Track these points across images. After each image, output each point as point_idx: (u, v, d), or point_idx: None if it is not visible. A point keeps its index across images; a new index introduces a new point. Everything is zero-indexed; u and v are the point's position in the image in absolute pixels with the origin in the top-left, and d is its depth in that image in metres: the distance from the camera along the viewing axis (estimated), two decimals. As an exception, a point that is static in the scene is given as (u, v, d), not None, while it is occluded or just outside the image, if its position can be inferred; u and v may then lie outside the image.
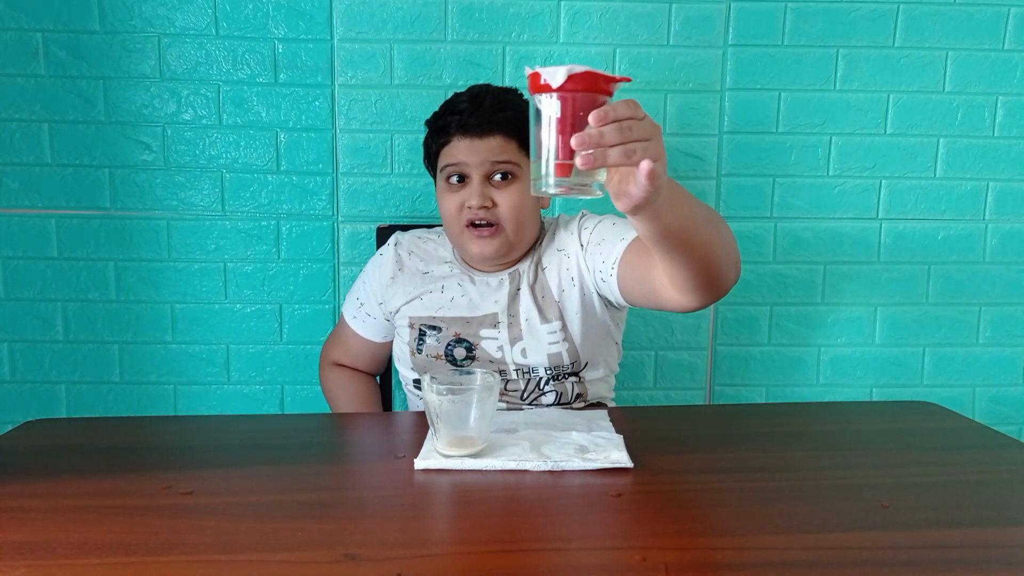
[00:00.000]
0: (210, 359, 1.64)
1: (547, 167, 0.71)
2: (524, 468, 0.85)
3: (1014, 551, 0.69)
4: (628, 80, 0.74)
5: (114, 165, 1.57)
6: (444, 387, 0.86)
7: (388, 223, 1.56)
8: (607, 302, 1.20)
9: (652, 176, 0.70)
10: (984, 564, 0.66)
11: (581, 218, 1.23)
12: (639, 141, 0.68)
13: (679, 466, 0.88)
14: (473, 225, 1.17)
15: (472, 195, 1.15)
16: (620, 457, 0.86)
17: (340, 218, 1.61)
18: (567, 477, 0.83)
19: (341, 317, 1.37)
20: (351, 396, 1.34)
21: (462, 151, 1.16)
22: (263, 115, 1.57)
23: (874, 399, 1.71)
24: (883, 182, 1.66)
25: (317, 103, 1.58)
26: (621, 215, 1.04)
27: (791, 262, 1.68)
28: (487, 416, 0.88)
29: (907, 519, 0.74)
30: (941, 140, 1.65)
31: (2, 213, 1.58)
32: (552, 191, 0.72)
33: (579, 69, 0.68)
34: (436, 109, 1.23)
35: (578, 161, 0.68)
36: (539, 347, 1.17)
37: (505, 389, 1.18)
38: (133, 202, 1.58)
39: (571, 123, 0.69)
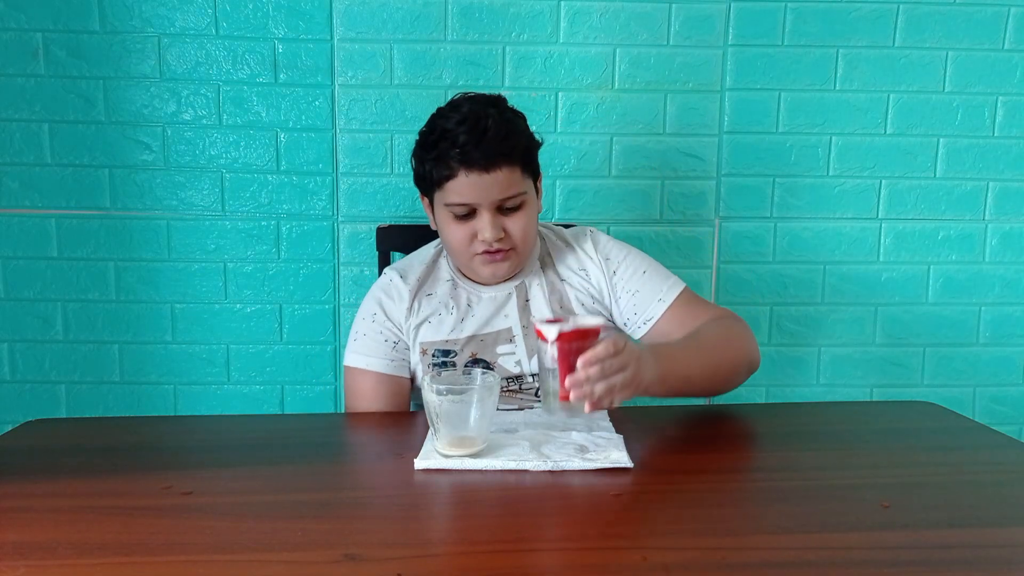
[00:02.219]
0: (210, 359, 1.64)
1: (552, 396, 0.90)
2: (524, 468, 0.85)
3: (1014, 551, 0.69)
4: (606, 328, 0.98)
5: (114, 165, 1.57)
6: (444, 387, 0.86)
7: (388, 223, 1.55)
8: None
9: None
10: (984, 564, 0.66)
11: (599, 244, 1.22)
12: (619, 372, 0.88)
13: (679, 466, 0.88)
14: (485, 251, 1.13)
15: (485, 228, 1.10)
16: (620, 457, 0.86)
17: (340, 218, 1.61)
18: (567, 477, 0.83)
19: (353, 375, 1.18)
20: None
21: (469, 189, 1.09)
22: (263, 115, 1.57)
23: (874, 399, 1.71)
24: (883, 182, 1.66)
25: (317, 103, 1.58)
26: (642, 249, 1.24)
27: (791, 262, 1.68)
28: (487, 416, 0.88)
29: (907, 519, 0.74)
30: (941, 140, 1.65)
31: (2, 213, 1.58)
32: (558, 415, 0.96)
33: (568, 327, 0.88)
34: (431, 114, 1.13)
35: (572, 396, 0.87)
36: None
37: (520, 389, 1.18)
38: (133, 202, 1.58)
39: (566, 364, 0.88)
